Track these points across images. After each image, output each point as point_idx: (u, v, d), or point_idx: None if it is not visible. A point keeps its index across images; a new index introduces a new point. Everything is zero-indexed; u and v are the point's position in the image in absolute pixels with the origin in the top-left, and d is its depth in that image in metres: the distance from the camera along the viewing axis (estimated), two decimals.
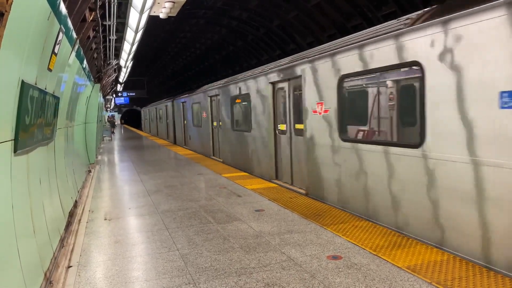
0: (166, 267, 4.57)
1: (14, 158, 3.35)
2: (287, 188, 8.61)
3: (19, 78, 3.19)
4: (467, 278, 3.93)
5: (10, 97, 3.04)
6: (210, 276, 4.28)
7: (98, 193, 9.13)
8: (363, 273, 4.18)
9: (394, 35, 5.36)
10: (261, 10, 15.93)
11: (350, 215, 6.29)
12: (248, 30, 18.72)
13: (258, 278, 4.17)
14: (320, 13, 13.25)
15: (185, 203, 7.67)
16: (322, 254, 4.76)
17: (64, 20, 4.65)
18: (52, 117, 5.00)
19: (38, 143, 4.40)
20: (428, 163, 4.88)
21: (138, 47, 14.23)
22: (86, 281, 4.30)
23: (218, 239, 5.45)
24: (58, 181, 6.08)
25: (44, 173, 4.97)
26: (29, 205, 3.97)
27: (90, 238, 5.79)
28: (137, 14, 8.79)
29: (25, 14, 3.05)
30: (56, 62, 4.73)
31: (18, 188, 3.55)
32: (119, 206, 7.70)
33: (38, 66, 3.88)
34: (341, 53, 6.51)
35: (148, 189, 9.26)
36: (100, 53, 12.46)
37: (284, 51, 17.47)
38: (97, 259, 4.95)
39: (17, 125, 3.26)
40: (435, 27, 4.68)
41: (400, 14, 10.62)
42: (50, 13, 3.79)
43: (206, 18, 19.57)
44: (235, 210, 6.93)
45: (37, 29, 3.49)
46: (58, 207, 5.76)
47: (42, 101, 4.13)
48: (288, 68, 8.34)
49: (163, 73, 43.50)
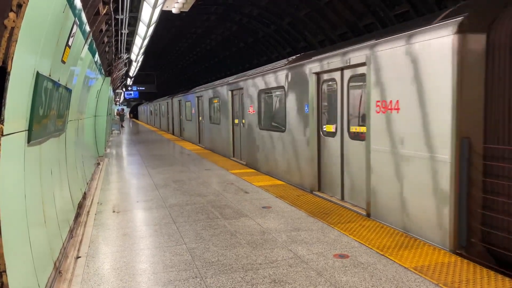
0: (173, 261, 4.61)
1: (27, 148, 3.40)
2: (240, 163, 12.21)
3: (34, 69, 3.23)
4: (474, 281, 3.92)
5: (25, 88, 3.08)
6: (216, 270, 4.31)
7: (106, 185, 9.21)
8: (369, 272, 4.18)
9: (275, 70, 9.62)
10: (272, 7, 15.89)
11: (357, 215, 6.28)
12: (259, 27, 18.69)
13: (264, 274, 4.19)
14: (332, 11, 13.20)
15: (192, 197, 7.71)
16: (329, 252, 4.76)
17: (79, 13, 4.69)
18: (64, 109, 5.05)
19: (50, 134, 4.45)
20: (286, 137, 9.15)
21: (149, 41, 14.28)
22: (95, 272, 4.36)
23: (225, 235, 5.48)
24: (68, 173, 6.15)
25: (55, 164, 5.03)
26: (41, 195, 4.02)
27: (99, 229, 5.85)
28: (150, 8, 8.82)
29: (42, 6, 3.08)
30: (69, 55, 4.77)
31: (30, 178, 3.60)
32: (127, 199, 7.76)
33: (52, 58, 3.92)
34: (257, 77, 10.81)
35: (156, 183, 9.32)
36: (111, 46, 12.54)
37: (294, 48, 17.43)
38: (105, 250, 5.01)
39: (31, 116, 3.30)
40: (288, 68, 8.87)
41: (413, 13, 10.53)
42: (66, 6, 3.83)
43: (217, 14, 19.57)
44: (242, 206, 6.95)
45: (52, 21, 3.53)
46: (68, 198, 5.82)
47: (55, 93, 4.18)
48: (235, 83, 12.79)
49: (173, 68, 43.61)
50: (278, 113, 9.88)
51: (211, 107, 16.10)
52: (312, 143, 7.95)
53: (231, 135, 13.62)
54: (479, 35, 4.57)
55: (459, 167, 4.65)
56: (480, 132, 4.62)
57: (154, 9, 8.82)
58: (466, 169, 4.60)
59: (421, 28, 5.10)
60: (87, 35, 5.96)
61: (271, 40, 19.18)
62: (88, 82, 8.74)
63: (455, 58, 4.56)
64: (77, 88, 6.66)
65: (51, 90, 3.93)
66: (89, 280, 4.16)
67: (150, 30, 11.57)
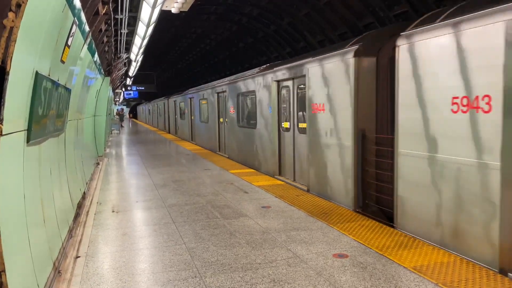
0: (172, 260, 4.61)
1: (26, 148, 3.40)
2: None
3: (33, 69, 3.22)
4: (473, 280, 3.92)
5: (25, 87, 3.08)
6: (216, 270, 4.31)
7: (106, 185, 9.21)
8: (369, 272, 4.18)
9: (249, 77, 11.37)
10: (272, 7, 15.88)
11: (357, 215, 6.29)
12: (259, 27, 18.67)
13: (264, 274, 4.20)
14: (331, 11, 13.18)
15: (192, 197, 7.71)
16: (328, 252, 4.76)
17: (78, 13, 4.68)
18: (63, 109, 5.05)
19: (50, 134, 4.45)
20: (257, 133, 10.98)
21: (149, 41, 14.27)
22: (94, 272, 4.35)
23: (224, 234, 5.48)
24: (67, 173, 6.14)
25: (54, 164, 5.03)
26: (40, 195, 4.02)
27: (98, 229, 5.85)
28: (149, 8, 8.81)
29: (41, 6, 3.08)
30: (68, 55, 4.77)
31: (29, 178, 3.60)
32: (126, 199, 7.76)
33: (51, 57, 3.92)
34: (237, 82, 12.62)
35: (155, 183, 9.31)
36: (111, 46, 12.52)
37: (294, 49, 17.42)
38: (105, 250, 5.01)
39: (31, 116, 3.30)
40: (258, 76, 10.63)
41: (413, 13, 10.53)
42: (65, 6, 3.83)
43: (217, 14, 19.54)
44: (241, 206, 6.95)
45: (52, 21, 3.53)
46: (67, 198, 5.82)
47: (54, 93, 4.18)
48: (220, 87, 14.57)
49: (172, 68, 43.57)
50: (252, 113, 11.55)
51: (201, 107, 18.02)
52: (274, 137, 9.89)
53: (217, 132, 15.38)
54: (371, 58, 6.37)
55: (357, 150, 6.51)
56: (373, 126, 6.40)
57: (153, 9, 8.81)
58: (362, 152, 6.49)
59: (333, 52, 7.05)
60: (87, 35, 5.95)
61: (270, 40, 19.17)
62: (88, 82, 8.72)
63: (354, 74, 6.42)
64: (76, 88, 6.66)
65: (51, 90, 3.92)
66: (88, 280, 4.16)
67: (149, 30, 11.56)
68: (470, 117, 4.35)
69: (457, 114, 4.51)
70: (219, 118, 15.14)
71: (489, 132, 4.14)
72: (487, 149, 4.17)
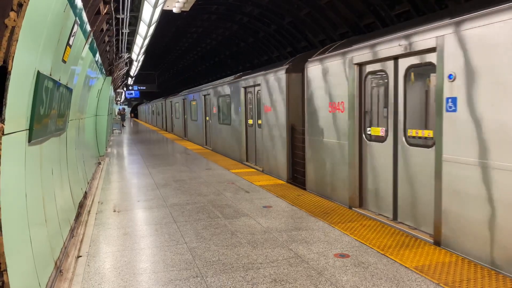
0: (174, 260, 4.61)
1: (28, 147, 3.40)
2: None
3: (35, 69, 3.22)
4: (475, 280, 3.91)
5: (26, 87, 3.08)
6: (217, 270, 4.31)
7: (107, 185, 9.22)
8: (370, 272, 4.18)
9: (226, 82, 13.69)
10: (273, 6, 15.87)
11: (358, 215, 6.28)
12: (260, 26, 18.66)
13: (265, 273, 4.20)
14: (332, 10, 13.17)
15: (193, 197, 7.72)
16: (330, 252, 4.76)
17: (80, 12, 4.68)
18: (64, 108, 5.05)
19: (51, 133, 4.45)
20: (231, 129, 13.33)
21: (150, 41, 14.28)
22: (95, 271, 4.36)
23: (225, 234, 5.48)
24: (69, 172, 6.15)
25: (56, 163, 5.04)
26: (41, 194, 4.02)
27: (99, 229, 5.86)
28: (151, 8, 8.82)
29: (43, 5, 3.08)
30: (70, 54, 4.77)
31: (31, 177, 3.60)
32: (128, 199, 7.76)
33: (53, 57, 3.92)
34: (217, 87, 15.03)
35: (156, 182, 9.32)
36: (112, 46, 12.53)
37: (295, 48, 17.41)
38: (106, 250, 5.01)
39: (32, 115, 3.30)
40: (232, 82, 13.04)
41: (414, 13, 10.51)
42: (66, 5, 3.83)
43: (218, 14, 19.54)
44: (243, 206, 6.95)
45: (53, 21, 3.53)
46: (68, 197, 5.83)
47: (56, 93, 4.18)
48: (206, 90, 17.02)
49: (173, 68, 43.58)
50: (228, 113, 13.87)
51: (192, 107, 20.67)
52: (243, 132, 12.36)
53: (204, 129, 18.05)
54: (298, 74, 8.98)
55: (289, 139, 9.20)
56: (300, 122, 8.90)
57: (155, 8, 8.82)
58: (291, 140, 9.17)
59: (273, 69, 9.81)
60: (88, 34, 5.96)
61: (271, 39, 19.16)
62: (89, 81, 8.73)
63: (286, 85, 9.08)
64: (78, 88, 6.66)
65: (52, 90, 3.93)
66: (90, 279, 4.17)
67: (151, 30, 11.57)
68: (334, 115, 7.10)
69: (330, 113, 7.22)
70: (206, 117, 17.71)
71: (343, 124, 6.86)
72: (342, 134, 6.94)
